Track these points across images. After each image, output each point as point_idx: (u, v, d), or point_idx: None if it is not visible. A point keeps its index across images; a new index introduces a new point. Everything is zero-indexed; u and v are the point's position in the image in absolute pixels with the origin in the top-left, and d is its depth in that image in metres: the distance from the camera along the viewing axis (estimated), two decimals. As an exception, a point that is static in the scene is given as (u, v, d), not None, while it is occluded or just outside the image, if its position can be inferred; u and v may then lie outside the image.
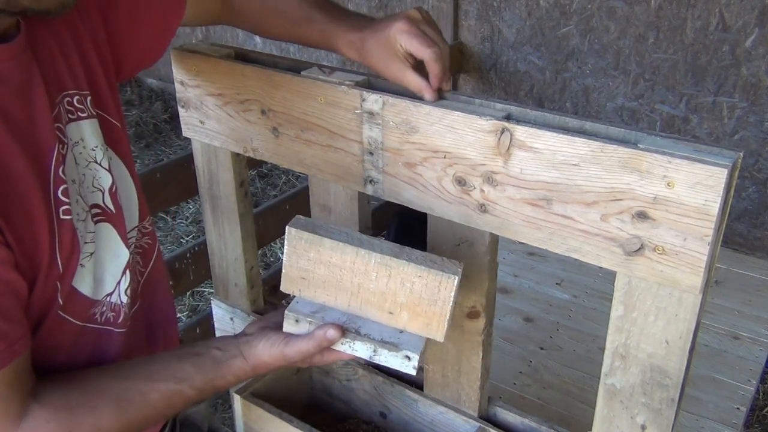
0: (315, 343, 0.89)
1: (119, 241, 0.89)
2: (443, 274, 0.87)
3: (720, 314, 2.12)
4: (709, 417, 1.75)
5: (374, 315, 0.92)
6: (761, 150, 2.45)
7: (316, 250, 0.90)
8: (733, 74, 2.40)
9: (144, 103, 4.49)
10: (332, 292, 0.92)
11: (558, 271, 2.32)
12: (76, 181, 0.84)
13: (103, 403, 0.83)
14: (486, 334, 1.07)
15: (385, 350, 0.90)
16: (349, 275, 0.90)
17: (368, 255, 0.88)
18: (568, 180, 0.84)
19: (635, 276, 0.84)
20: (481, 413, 1.15)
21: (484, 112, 0.89)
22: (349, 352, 0.91)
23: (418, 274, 0.87)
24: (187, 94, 1.22)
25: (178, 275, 2.19)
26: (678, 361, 0.86)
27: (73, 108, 0.85)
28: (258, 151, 1.17)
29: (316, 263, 0.91)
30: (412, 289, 0.88)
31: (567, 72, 2.76)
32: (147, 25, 0.98)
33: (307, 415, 1.34)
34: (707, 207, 0.75)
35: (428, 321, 0.89)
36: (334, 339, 0.90)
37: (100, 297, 0.88)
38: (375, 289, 0.90)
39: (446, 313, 0.88)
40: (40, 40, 0.82)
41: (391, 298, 0.90)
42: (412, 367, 0.90)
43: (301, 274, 0.92)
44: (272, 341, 0.91)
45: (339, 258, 0.90)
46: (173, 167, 2.18)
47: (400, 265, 0.88)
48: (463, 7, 2.95)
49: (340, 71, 1.04)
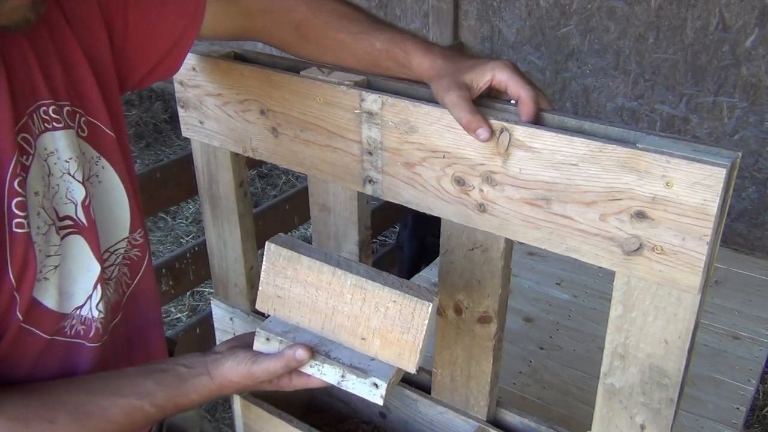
0: (283, 362, 0.88)
1: (90, 255, 0.88)
2: (418, 301, 0.85)
3: (720, 314, 2.11)
4: (709, 417, 1.75)
5: (347, 340, 0.91)
6: (761, 150, 2.45)
7: (294, 268, 0.91)
8: (733, 74, 2.40)
9: (144, 103, 4.50)
10: (306, 313, 0.92)
11: (558, 271, 2.32)
12: (40, 193, 0.82)
13: (62, 416, 0.81)
14: (497, 339, 1.07)
15: (354, 376, 0.88)
16: (325, 296, 0.90)
17: (344, 276, 0.88)
18: (567, 180, 0.84)
19: (634, 276, 0.84)
20: (489, 418, 1.15)
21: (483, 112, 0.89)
22: (317, 376, 0.90)
23: (392, 299, 0.87)
24: (186, 94, 1.22)
25: (178, 275, 2.19)
26: (677, 360, 0.86)
27: (48, 117, 0.83)
28: (257, 151, 1.17)
29: (293, 281, 0.91)
30: (386, 314, 0.87)
31: (567, 72, 2.76)
32: (158, 35, 0.97)
33: (307, 415, 1.34)
34: (706, 207, 0.75)
35: (400, 350, 0.88)
36: (303, 360, 0.88)
37: (68, 310, 0.87)
38: (349, 312, 0.89)
39: (419, 343, 0.86)
40: (17, 49, 0.80)
41: (364, 323, 0.89)
42: (380, 395, 0.87)
43: (277, 292, 0.93)
44: (240, 359, 0.89)
45: (315, 277, 0.90)
46: (173, 167, 2.18)
47: (376, 289, 0.87)
48: (463, 7, 2.95)
49: (339, 71, 1.04)
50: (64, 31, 0.87)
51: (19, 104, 0.79)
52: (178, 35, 0.98)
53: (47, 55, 0.84)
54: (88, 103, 0.89)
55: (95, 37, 0.90)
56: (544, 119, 0.88)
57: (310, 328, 0.93)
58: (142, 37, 0.95)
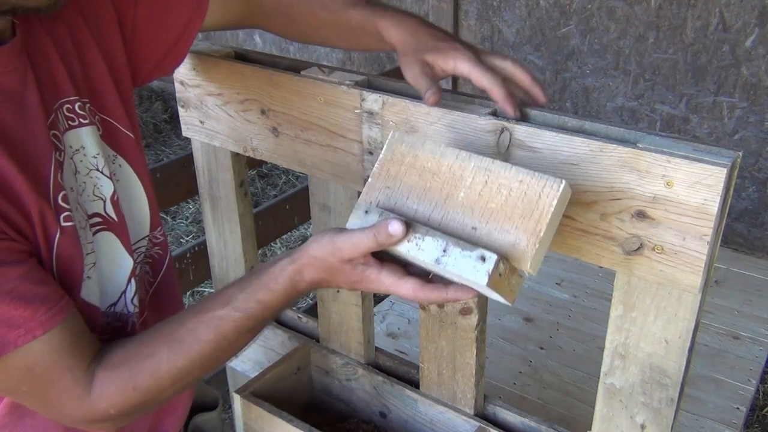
0: (371, 234, 0.73)
1: (122, 250, 0.88)
2: (548, 179, 0.73)
3: (720, 314, 2.12)
4: (709, 417, 1.75)
5: (456, 229, 0.78)
6: (761, 150, 2.45)
7: (414, 155, 0.81)
8: (733, 74, 2.40)
9: (144, 103, 4.50)
10: (415, 202, 0.80)
11: (558, 271, 2.32)
12: (74, 189, 0.82)
13: (157, 348, 0.80)
14: (479, 330, 1.07)
15: (458, 249, 0.73)
16: (440, 183, 0.79)
17: (468, 158, 0.78)
18: (567, 179, 0.84)
19: (635, 275, 0.84)
20: (477, 411, 1.15)
21: (483, 112, 0.89)
22: (413, 255, 0.75)
23: (519, 179, 0.75)
24: (187, 93, 1.22)
25: (178, 275, 2.19)
26: (677, 360, 0.86)
27: (74, 115, 0.84)
28: (258, 150, 1.17)
29: (410, 169, 0.81)
30: (509, 196, 0.75)
31: (567, 72, 2.76)
32: (166, 27, 0.97)
33: (307, 415, 1.34)
34: (706, 206, 0.75)
35: (517, 239, 0.74)
36: (396, 233, 0.73)
37: (104, 308, 0.87)
38: (464, 199, 0.77)
39: (541, 229, 0.72)
40: (38, 45, 0.81)
41: (480, 209, 0.76)
42: (486, 272, 0.71)
43: (387, 182, 0.82)
44: (324, 233, 0.78)
45: (436, 162, 0.79)
46: (173, 167, 2.18)
47: (502, 169, 0.76)
48: (463, 7, 2.95)
49: (340, 71, 1.04)
50: (81, 28, 0.87)
51: (47, 101, 0.80)
52: (184, 25, 0.98)
53: (68, 52, 0.84)
54: (104, 102, 0.89)
55: (109, 33, 0.90)
56: (529, 115, 0.89)
57: (416, 219, 0.80)
58: (151, 29, 0.95)
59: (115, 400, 0.78)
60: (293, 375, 1.33)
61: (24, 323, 0.71)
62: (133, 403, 0.79)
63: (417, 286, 0.76)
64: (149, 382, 0.79)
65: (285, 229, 2.47)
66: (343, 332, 1.29)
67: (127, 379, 0.78)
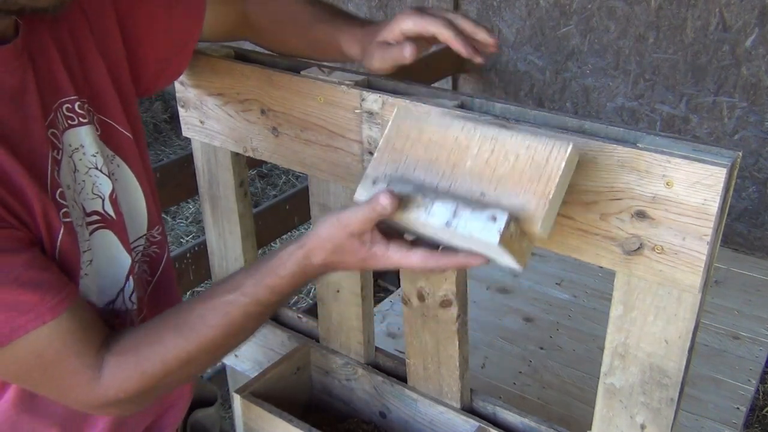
0: (370, 206, 0.74)
1: (120, 248, 0.88)
2: (555, 142, 0.73)
3: (720, 314, 2.11)
4: (709, 417, 1.75)
5: (463, 197, 0.77)
6: (761, 150, 2.45)
7: (419, 128, 0.81)
8: (733, 74, 2.40)
9: (144, 103, 4.50)
10: (422, 173, 0.79)
11: (558, 271, 2.32)
12: (72, 187, 0.83)
13: (166, 334, 0.80)
14: (460, 323, 1.08)
15: (467, 210, 0.73)
16: (446, 154, 0.79)
17: (475, 128, 0.78)
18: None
19: (634, 275, 0.84)
20: (464, 404, 1.16)
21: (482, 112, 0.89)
22: (423, 219, 0.75)
23: (525, 145, 0.75)
24: (186, 93, 1.22)
25: (178, 275, 2.19)
26: (677, 360, 0.86)
27: (73, 114, 0.84)
28: (258, 150, 1.17)
29: (415, 143, 0.81)
30: (516, 162, 0.75)
31: (567, 72, 2.76)
32: (166, 35, 0.98)
33: (307, 415, 1.34)
34: (706, 206, 0.75)
35: (526, 201, 0.74)
36: (386, 204, 0.73)
37: (102, 305, 0.88)
38: (471, 167, 0.77)
39: (550, 191, 0.72)
40: (39, 45, 0.81)
41: (488, 177, 0.76)
42: (497, 230, 0.71)
43: (393, 156, 0.82)
44: (327, 215, 0.79)
45: (442, 134, 0.79)
46: (173, 167, 2.18)
47: (508, 136, 0.76)
48: (463, 7, 2.95)
49: (340, 71, 1.04)
50: (83, 29, 0.87)
51: (46, 100, 0.80)
52: (186, 34, 0.99)
53: (69, 53, 0.85)
54: (103, 103, 0.90)
55: (110, 36, 0.91)
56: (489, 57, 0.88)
57: (424, 188, 0.79)
58: (154, 38, 0.96)
59: (124, 385, 0.78)
60: (293, 375, 1.33)
61: (33, 309, 0.71)
62: (142, 388, 0.80)
63: (426, 254, 0.77)
64: (158, 367, 0.79)
65: (285, 229, 2.47)
66: (343, 332, 1.29)
67: (136, 364, 0.79)
